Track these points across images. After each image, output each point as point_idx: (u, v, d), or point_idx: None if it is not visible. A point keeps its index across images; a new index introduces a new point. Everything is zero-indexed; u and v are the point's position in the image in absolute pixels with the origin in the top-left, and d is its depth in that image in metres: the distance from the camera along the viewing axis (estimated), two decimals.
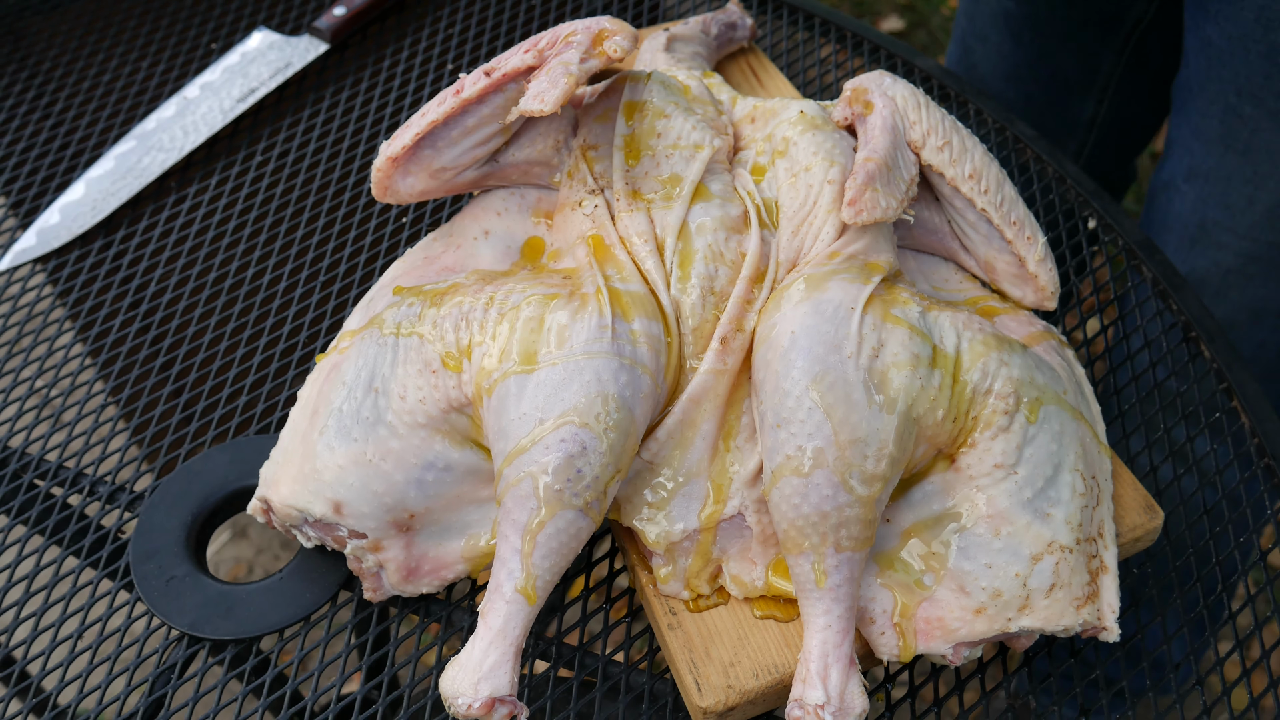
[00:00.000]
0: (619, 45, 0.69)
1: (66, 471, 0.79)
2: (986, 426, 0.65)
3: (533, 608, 0.61)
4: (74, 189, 0.97)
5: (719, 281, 0.68)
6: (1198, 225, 1.08)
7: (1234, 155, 1.03)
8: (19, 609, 0.72)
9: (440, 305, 0.68)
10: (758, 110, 0.79)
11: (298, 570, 0.71)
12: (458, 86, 0.71)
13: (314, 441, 0.66)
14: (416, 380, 0.66)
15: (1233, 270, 1.08)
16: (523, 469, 0.61)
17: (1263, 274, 1.07)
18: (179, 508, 0.74)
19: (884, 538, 0.66)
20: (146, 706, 0.68)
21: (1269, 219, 1.03)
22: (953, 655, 0.65)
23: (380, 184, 0.73)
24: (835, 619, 0.62)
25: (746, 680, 0.65)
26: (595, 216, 0.72)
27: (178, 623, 0.69)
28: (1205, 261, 1.09)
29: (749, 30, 1.01)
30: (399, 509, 0.66)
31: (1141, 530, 0.71)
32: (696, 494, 0.67)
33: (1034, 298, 0.76)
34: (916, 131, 0.74)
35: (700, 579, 0.68)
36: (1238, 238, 1.06)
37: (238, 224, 0.95)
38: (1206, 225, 1.08)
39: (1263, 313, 1.10)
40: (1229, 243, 1.07)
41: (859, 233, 0.70)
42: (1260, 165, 1.02)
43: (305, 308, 0.88)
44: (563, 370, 0.63)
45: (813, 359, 0.63)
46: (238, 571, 1.71)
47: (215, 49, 1.12)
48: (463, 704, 0.59)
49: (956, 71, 1.36)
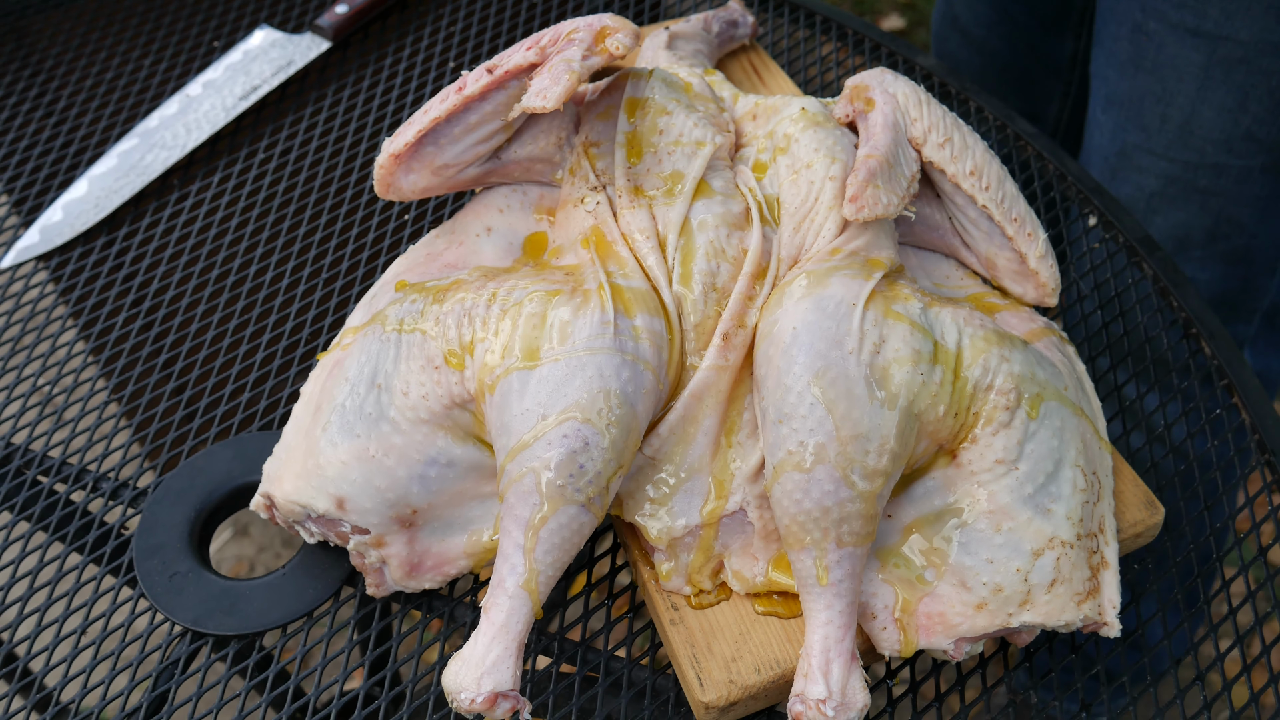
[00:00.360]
0: (621, 42, 0.70)
1: (70, 468, 0.79)
2: (988, 422, 0.65)
3: (535, 603, 0.61)
4: (77, 186, 0.97)
5: (721, 278, 0.69)
6: (1117, 153, 1.10)
7: (1144, 75, 1.05)
8: (22, 605, 0.73)
9: (443, 302, 0.68)
10: (759, 107, 0.79)
11: (300, 566, 0.72)
12: (460, 83, 0.71)
13: (317, 437, 0.67)
14: (419, 376, 0.66)
15: (1155, 194, 1.09)
16: (525, 464, 0.62)
17: (1182, 195, 1.08)
18: (182, 504, 0.74)
19: (885, 533, 0.67)
20: (149, 703, 0.68)
21: (1181, 135, 1.05)
22: (954, 650, 0.65)
23: (383, 181, 0.73)
24: (837, 614, 0.62)
25: (748, 675, 0.65)
26: (597, 213, 0.72)
27: (181, 619, 0.70)
28: (1129, 188, 1.11)
29: (750, 28, 1.01)
30: (402, 504, 0.66)
31: (1142, 526, 0.71)
32: (698, 490, 0.67)
33: (1035, 294, 0.76)
34: (918, 128, 0.74)
35: (702, 574, 0.68)
36: (1155, 158, 1.07)
37: (240, 221, 0.95)
38: (1126, 150, 1.09)
39: (1187, 242, 1.11)
40: (1148, 165, 1.08)
41: (860, 229, 0.70)
42: (1168, 81, 1.03)
43: (308, 304, 0.88)
44: (565, 366, 0.63)
45: (814, 355, 0.63)
46: (239, 569, 1.72)
47: (218, 47, 1.12)
48: (465, 699, 0.59)
49: (939, 29, 1.38)
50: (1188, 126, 1.04)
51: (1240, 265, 1.14)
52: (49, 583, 0.73)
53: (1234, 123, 1.03)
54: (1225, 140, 1.04)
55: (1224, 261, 1.13)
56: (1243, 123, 1.03)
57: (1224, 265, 1.13)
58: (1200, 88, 1.02)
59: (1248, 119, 1.02)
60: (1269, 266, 1.15)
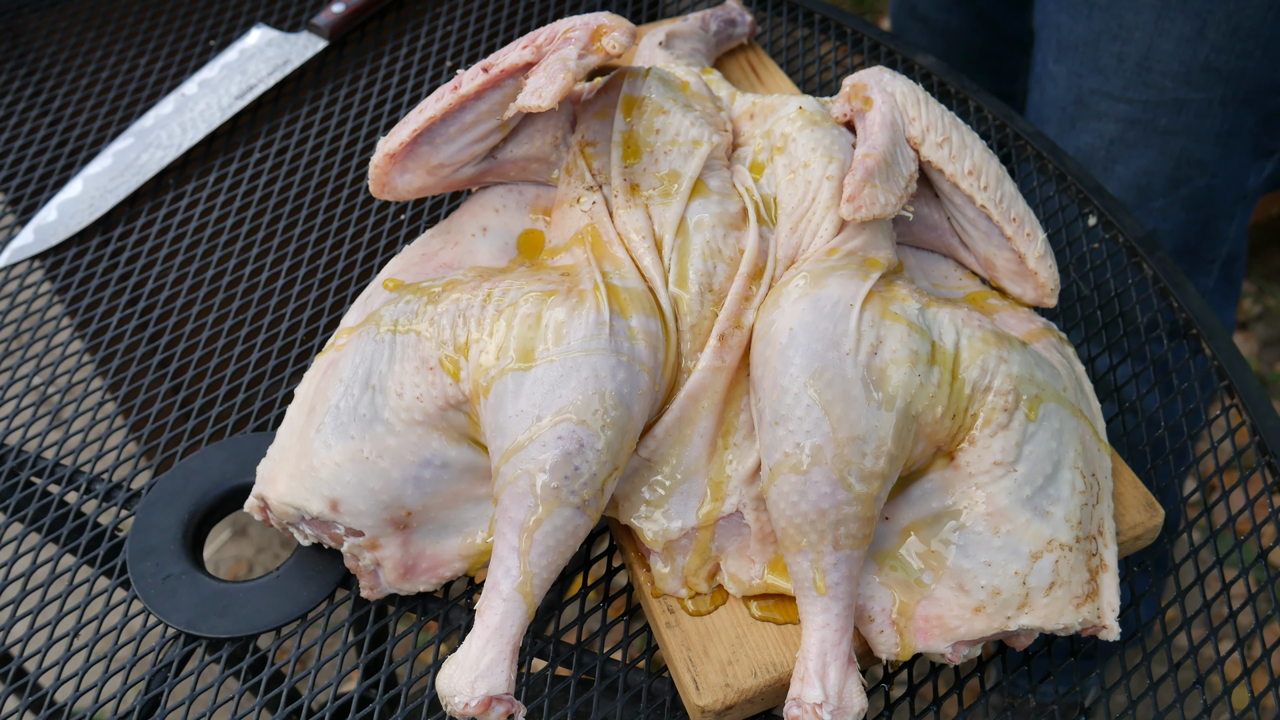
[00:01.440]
0: (617, 41, 0.69)
1: (64, 469, 0.78)
2: (986, 424, 0.65)
3: (530, 606, 0.61)
4: (72, 186, 0.97)
5: (717, 278, 0.68)
6: (1074, 101, 1.10)
7: (1099, 14, 1.04)
8: (15, 606, 0.72)
9: (438, 302, 0.67)
10: (756, 106, 0.78)
11: (294, 568, 0.71)
12: (455, 83, 0.70)
13: (311, 439, 0.66)
14: (414, 377, 0.66)
15: (1115, 140, 1.09)
16: (520, 466, 0.61)
17: (1143, 139, 1.08)
18: (176, 505, 0.74)
19: (883, 536, 0.66)
20: (143, 704, 0.68)
21: (1139, 73, 1.04)
22: (952, 654, 0.65)
23: (378, 180, 0.73)
24: (834, 617, 0.62)
25: (744, 679, 0.65)
26: (593, 213, 0.72)
27: (174, 620, 0.69)
28: (1088, 136, 1.10)
29: (748, 27, 1.01)
30: (396, 506, 0.65)
31: (1142, 528, 0.71)
32: (694, 492, 0.67)
33: (1033, 294, 0.76)
34: (916, 128, 0.73)
35: (698, 577, 0.67)
36: (1114, 101, 1.07)
37: (235, 221, 0.95)
38: (1083, 97, 1.09)
39: (1148, 191, 1.11)
40: (1107, 109, 1.08)
41: (858, 229, 0.70)
42: (1125, 15, 1.03)
43: (303, 305, 0.87)
44: (560, 367, 0.63)
45: (811, 356, 0.62)
46: (238, 570, 1.71)
47: (214, 46, 1.12)
48: (459, 702, 0.59)
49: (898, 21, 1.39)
50: (1145, 63, 1.04)
51: (1201, 210, 1.13)
52: (42, 585, 0.73)
53: (1192, 53, 1.03)
54: (1184, 73, 1.04)
55: (1185, 209, 1.13)
56: (1201, 52, 1.02)
57: (1185, 213, 1.13)
58: (1158, 18, 1.02)
59: (1205, 48, 1.02)
60: (1228, 210, 1.15)
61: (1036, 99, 1.16)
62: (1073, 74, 1.09)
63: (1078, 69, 1.08)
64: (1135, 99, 1.06)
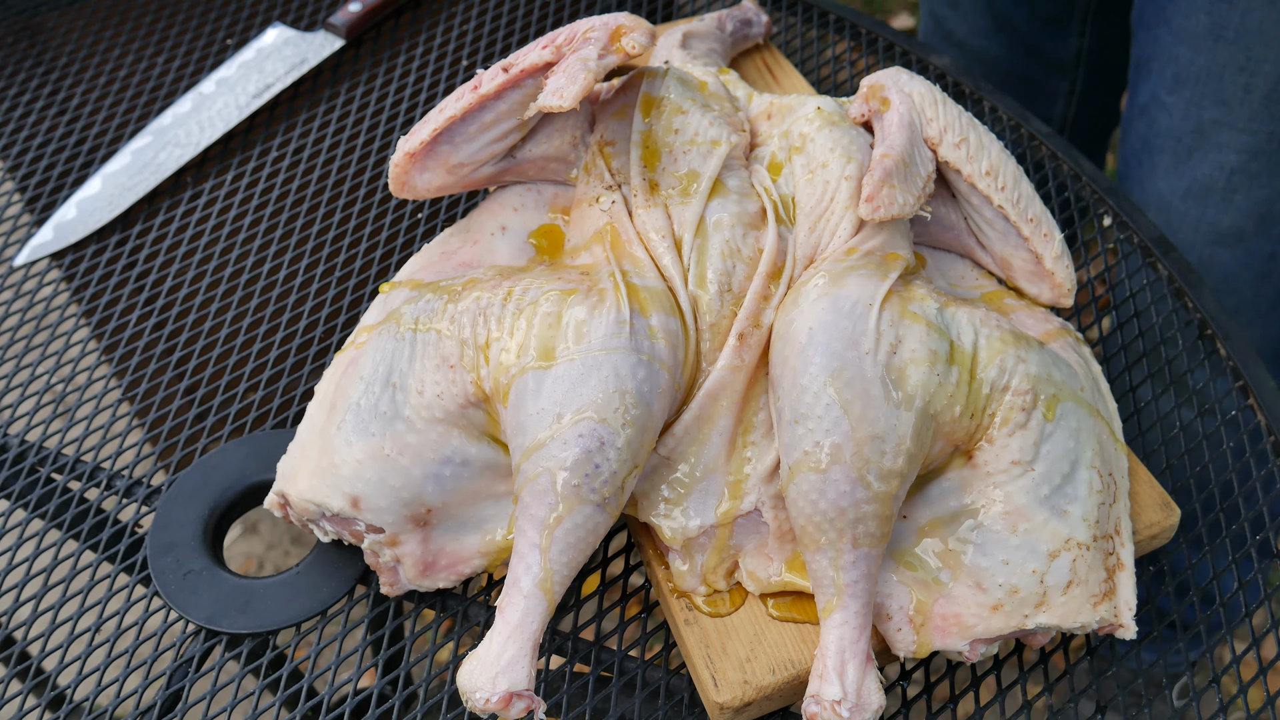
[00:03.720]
0: (636, 41, 0.69)
1: (84, 466, 0.79)
2: (1004, 423, 0.65)
3: (551, 602, 0.61)
4: (90, 184, 0.97)
5: (736, 278, 0.68)
6: (1192, 132, 1.08)
7: (1225, 46, 1.03)
8: (37, 602, 0.73)
9: (458, 300, 0.68)
10: (774, 106, 0.78)
11: (314, 565, 0.72)
12: (475, 82, 0.71)
13: (331, 436, 0.67)
14: (434, 375, 0.66)
15: (1236, 170, 1.07)
16: (541, 464, 0.62)
17: (1267, 170, 1.07)
18: (196, 502, 0.74)
19: (901, 534, 0.66)
20: (164, 700, 0.68)
21: (1267, 105, 1.03)
22: (969, 652, 0.65)
23: (398, 179, 0.74)
24: (852, 615, 0.62)
25: (763, 676, 0.65)
26: (613, 212, 0.72)
27: (195, 616, 0.70)
28: (1207, 167, 1.09)
29: (764, 27, 1.01)
30: (416, 504, 0.66)
31: (1158, 528, 0.71)
32: (713, 490, 0.67)
33: (1050, 295, 0.76)
34: (933, 128, 0.74)
35: (716, 575, 0.68)
36: (1237, 133, 1.06)
37: (254, 219, 0.95)
38: (1203, 128, 1.07)
39: (1269, 218, 1.10)
40: (1229, 140, 1.06)
41: (876, 229, 0.70)
42: (1254, 49, 1.02)
43: (321, 303, 0.88)
44: (580, 366, 0.63)
45: (830, 355, 0.63)
46: (248, 567, 1.72)
47: (231, 45, 1.13)
48: (480, 698, 0.59)
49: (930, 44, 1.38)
50: (1273, 94, 1.02)
51: None
52: (63, 580, 0.73)
53: None
54: None
55: None
56: None
57: None
58: None
59: None
60: None
61: (1143, 128, 1.14)
62: (1192, 105, 1.07)
63: (1198, 100, 1.07)
64: (1261, 130, 1.04)
